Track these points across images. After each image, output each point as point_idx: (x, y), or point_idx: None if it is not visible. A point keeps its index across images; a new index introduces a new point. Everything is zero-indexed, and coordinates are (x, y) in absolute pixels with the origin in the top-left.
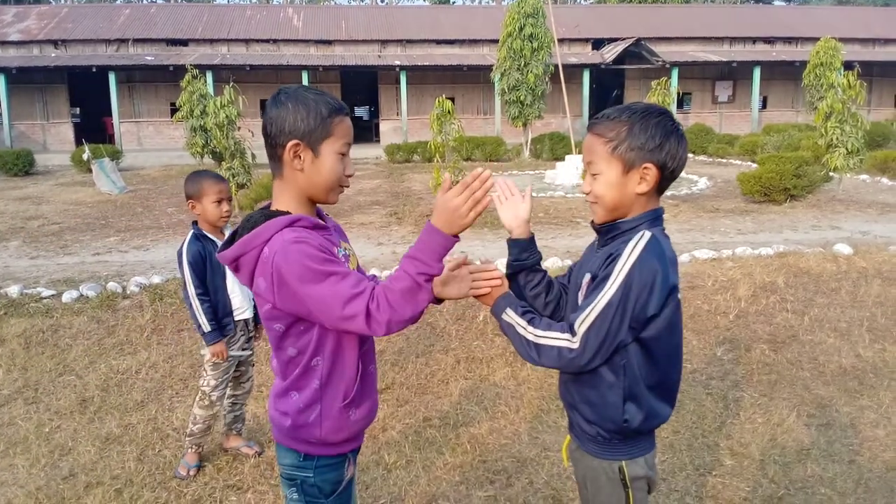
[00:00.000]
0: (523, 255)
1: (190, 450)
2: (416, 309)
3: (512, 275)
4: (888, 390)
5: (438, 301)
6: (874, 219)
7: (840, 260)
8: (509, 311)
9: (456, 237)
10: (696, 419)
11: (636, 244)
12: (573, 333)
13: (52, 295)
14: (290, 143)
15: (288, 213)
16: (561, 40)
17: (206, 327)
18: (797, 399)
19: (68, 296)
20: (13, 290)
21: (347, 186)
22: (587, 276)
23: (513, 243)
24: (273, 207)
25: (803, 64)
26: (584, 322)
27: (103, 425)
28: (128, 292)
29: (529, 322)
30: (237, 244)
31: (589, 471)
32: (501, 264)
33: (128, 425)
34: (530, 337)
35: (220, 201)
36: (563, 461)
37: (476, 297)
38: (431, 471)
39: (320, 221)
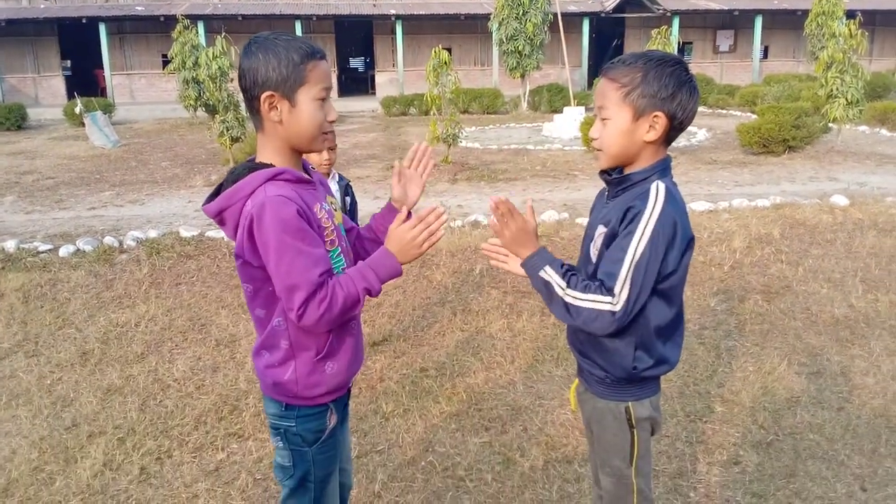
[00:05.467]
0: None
1: None
2: (346, 316)
3: None
4: (879, 339)
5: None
6: (872, 170)
7: (836, 211)
8: (549, 270)
9: (401, 268)
10: (688, 368)
11: (656, 199)
12: (612, 295)
13: (49, 249)
14: (264, 95)
15: (272, 165)
16: None
17: None
18: (789, 348)
19: (65, 250)
20: (10, 245)
21: (331, 131)
22: (601, 228)
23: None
24: (258, 160)
25: (805, 13)
26: (623, 285)
27: (104, 377)
28: (124, 246)
29: (568, 283)
30: (220, 198)
31: (595, 411)
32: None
33: (129, 377)
34: (569, 299)
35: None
36: (570, 405)
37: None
38: (428, 419)
39: (304, 175)
